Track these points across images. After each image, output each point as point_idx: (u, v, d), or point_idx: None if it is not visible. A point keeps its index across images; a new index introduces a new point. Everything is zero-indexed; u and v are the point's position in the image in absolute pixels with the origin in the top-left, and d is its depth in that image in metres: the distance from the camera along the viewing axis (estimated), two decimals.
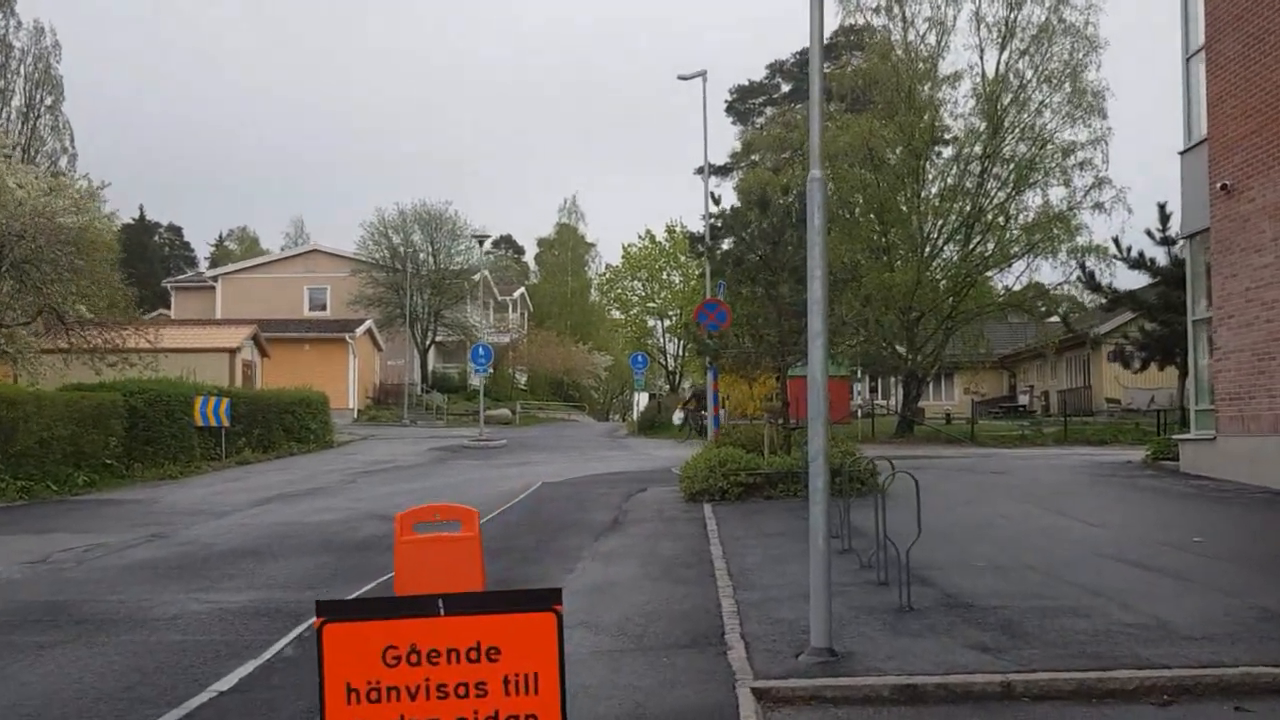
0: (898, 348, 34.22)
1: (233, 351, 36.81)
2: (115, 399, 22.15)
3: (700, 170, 34.05)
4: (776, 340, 16.96)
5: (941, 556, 10.04)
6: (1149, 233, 26.61)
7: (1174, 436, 21.31)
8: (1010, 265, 35.05)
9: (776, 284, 16.80)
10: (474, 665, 3.66)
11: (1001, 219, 34.20)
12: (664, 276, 59.24)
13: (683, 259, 55.53)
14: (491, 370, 44.32)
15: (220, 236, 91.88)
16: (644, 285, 60.23)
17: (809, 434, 7.03)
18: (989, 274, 35.50)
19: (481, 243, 50.84)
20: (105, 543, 12.88)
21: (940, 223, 34.54)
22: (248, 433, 27.38)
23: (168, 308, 55.21)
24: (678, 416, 41.31)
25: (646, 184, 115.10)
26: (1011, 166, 33.68)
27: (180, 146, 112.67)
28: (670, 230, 58.32)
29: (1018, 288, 35.96)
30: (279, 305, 50.67)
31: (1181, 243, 22.27)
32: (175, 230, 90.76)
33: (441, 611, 3.69)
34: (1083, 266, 31.19)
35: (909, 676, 6.23)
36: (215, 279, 56.23)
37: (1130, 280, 29.98)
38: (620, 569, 10.58)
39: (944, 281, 34.45)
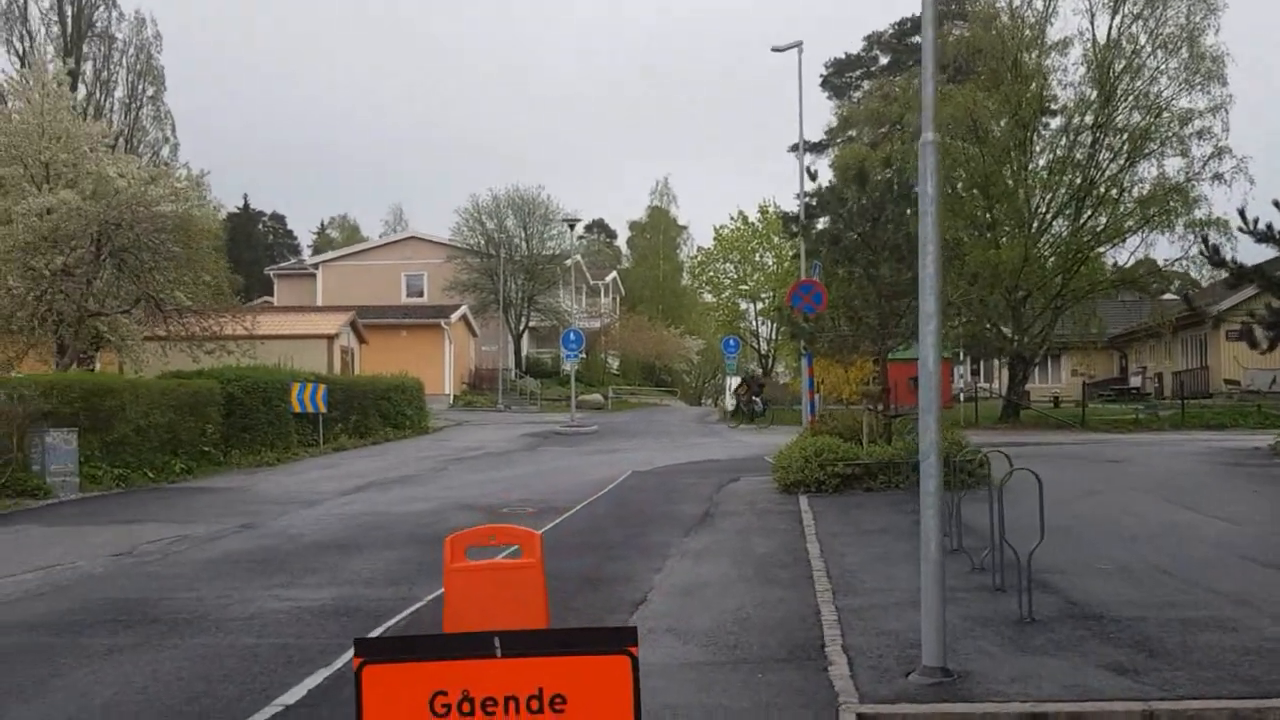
0: (1003, 328, 32.89)
1: (331, 338, 37.14)
2: (212, 386, 22.36)
3: (794, 148, 33.24)
4: (876, 323, 16.17)
5: (1061, 557, 9.27)
6: (1277, 203, 24.86)
7: None
8: (1124, 240, 33.45)
9: (876, 263, 15.99)
10: (535, 716, 3.14)
11: (1114, 192, 32.61)
12: (756, 258, 58.16)
13: (776, 240, 54.30)
14: (584, 355, 44.08)
15: (322, 224, 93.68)
16: (736, 267, 59.25)
17: (920, 428, 6.36)
18: (1100, 250, 33.86)
19: (573, 227, 50.63)
20: (192, 534, 12.79)
21: (1049, 197, 33.09)
22: (344, 419, 27.55)
23: (271, 295, 56.27)
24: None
25: (739, 165, 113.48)
26: (1125, 136, 32.04)
27: (284, 137, 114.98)
28: (763, 210, 57.11)
29: (1130, 264, 34.26)
30: (378, 291, 51.16)
31: None
32: (279, 219, 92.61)
33: (499, 652, 3.18)
34: (1205, 240, 29.33)
35: (1037, 703, 5.55)
36: (316, 266, 57.10)
37: (1253, 255, 28.17)
38: (711, 568, 10.03)
39: (1052, 259, 33.00)
